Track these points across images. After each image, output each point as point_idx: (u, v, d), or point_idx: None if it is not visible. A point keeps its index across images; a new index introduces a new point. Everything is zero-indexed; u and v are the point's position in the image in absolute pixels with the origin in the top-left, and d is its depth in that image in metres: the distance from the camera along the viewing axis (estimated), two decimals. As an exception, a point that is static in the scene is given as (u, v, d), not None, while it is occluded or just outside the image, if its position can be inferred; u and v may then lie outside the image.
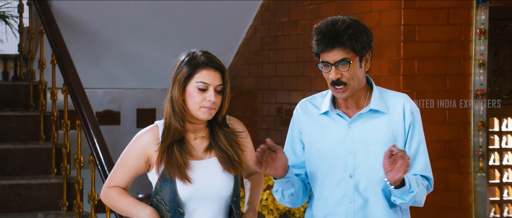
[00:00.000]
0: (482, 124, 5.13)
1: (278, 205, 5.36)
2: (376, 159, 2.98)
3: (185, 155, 2.92)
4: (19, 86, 6.03)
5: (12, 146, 5.55)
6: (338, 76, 2.95)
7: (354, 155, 3.01)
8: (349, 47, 2.94)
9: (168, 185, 2.92)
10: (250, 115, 6.58)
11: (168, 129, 2.94)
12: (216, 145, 2.97)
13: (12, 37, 6.76)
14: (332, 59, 2.95)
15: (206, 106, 2.91)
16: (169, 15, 6.28)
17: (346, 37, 2.94)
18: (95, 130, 4.84)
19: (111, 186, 3.01)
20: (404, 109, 3.05)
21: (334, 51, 2.95)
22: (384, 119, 3.03)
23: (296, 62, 6.10)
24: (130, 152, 2.99)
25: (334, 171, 3.02)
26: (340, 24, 2.95)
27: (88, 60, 6.37)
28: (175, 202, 2.91)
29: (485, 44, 5.11)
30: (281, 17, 6.29)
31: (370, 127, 3.02)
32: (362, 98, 3.05)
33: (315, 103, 3.12)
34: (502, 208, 5.46)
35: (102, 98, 6.80)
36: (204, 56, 2.94)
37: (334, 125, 3.05)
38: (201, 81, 2.90)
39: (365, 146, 3.01)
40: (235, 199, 2.99)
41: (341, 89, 2.97)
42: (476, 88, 5.13)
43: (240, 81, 6.71)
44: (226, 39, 6.68)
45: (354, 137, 3.01)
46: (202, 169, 2.94)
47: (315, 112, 3.09)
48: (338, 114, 3.05)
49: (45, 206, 5.36)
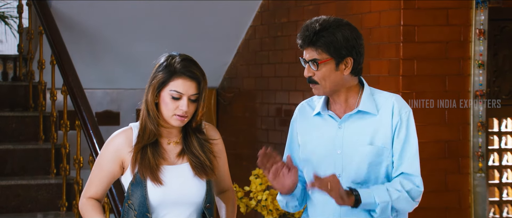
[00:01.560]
0: (481, 124, 5.12)
1: (278, 205, 5.35)
2: (363, 160, 3.00)
3: (158, 158, 2.91)
4: (18, 86, 6.03)
5: (12, 146, 5.55)
6: (309, 74, 2.99)
7: (342, 156, 3.02)
8: (321, 48, 2.95)
9: (139, 189, 2.90)
10: (249, 115, 6.57)
11: (144, 130, 2.92)
12: (188, 150, 2.95)
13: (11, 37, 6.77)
14: (306, 57, 3.00)
15: (178, 114, 2.89)
16: (168, 16, 6.28)
17: (318, 39, 2.95)
18: (95, 130, 4.83)
19: (88, 197, 2.98)
20: (393, 109, 3.05)
21: (307, 49, 2.99)
22: (373, 120, 3.03)
23: (295, 63, 6.07)
24: (104, 156, 2.97)
25: (323, 171, 3.02)
26: (317, 25, 2.96)
27: (87, 61, 6.37)
28: (144, 207, 2.89)
29: (484, 45, 5.10)
30: (281, 17, 6.28)
31: (358, 128, 3.03)
32: (353, 99, 3.06)
33: (312, 104, 3.15)
34: (502, 209, 5.46)
35: (102, 98, 6.81)
36: (182, 63, 2.90)
37: (325, 126, 3.07)
38: (175, 89, 2.88)
39: (354, 146, 3.02)
40: (208, 205, 2.95)
41: (313, 86, 3.02)
42: (476, 88, 5.12)
43: (239, 81, 6.70)
44: (225, 39, 6.67)
45: (343, 138, 3.03)
46: (174, 174, 2.92)
47: (310, 112, 3.12)
48: (329, 115, 3.08)
49: (44, 206, 5.36)
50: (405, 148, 3.06)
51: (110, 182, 3.00)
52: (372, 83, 5.26)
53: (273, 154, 2.97)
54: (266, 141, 6.32)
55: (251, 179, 5.26)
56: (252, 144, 6.39)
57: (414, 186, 3.05)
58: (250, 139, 6.50)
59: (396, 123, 3.04)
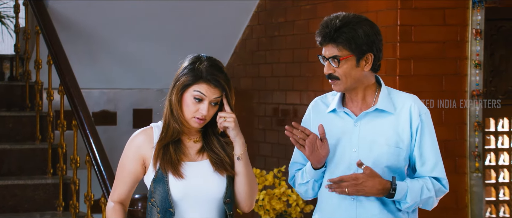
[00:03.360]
0: (478, 124, 5.13)
1: (275, 205, 5.35)
2: (379, 158, 3.00)
3: (179, 155, 2.95)
4: (15, 86, 6.01)
5: (8, 146, 5.54)
6: (330, 71, 3.00)
7: (357, 153, 3.01)
8: (342, 45, 2.97)
9: (161, 185, 2.94)
10: (246, 115, 6.58)
11: (167, 128, 2.97)
12: (208, 148, 2.99)
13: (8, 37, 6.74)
14: (326, 54, 3.00)
15: (198, 117, 2.93)
16: (165, 16, 6.27)
17: (339, 35, 2.96)
18: (92, 130, 4.83)
19: (114, 200, 3.02)
20: (411, 111, 3.04)
21: (327, 46, 3.00)
22: (390, 120, 3.03)
23: (292, 63, 6.09)
24: (125, 156, 3.00)
25: (338, 168, 3.03)
26: (337, 21, 2.97)
27: (84, 61, 6.35)
28: (167, 202, 2.92)
29: (481, 45, 5.11)
30: (278, 17, 6.28)
31: (375, 126, 3.02)
32: (370, 97, 3.07)
33: (326, 101, 3.15)
34: (498, 208, 5.46)
35: (99, 98, 6.79)
36: (209, 69, 2.93)
37: (341, 123, 3.07)
38: (199, 91, 2.91)
39: (369, 144, 3.02)
40: (228, 200, 2.98)
41: (333, 82, 3.02)
42: (472, 88, 5.12)
43: (236, 81, 6.69)
44: (222, 39, 6.67)
45: (359, 135, 3.03)
46: (194, 170, 2.96)
47: (324, 109, 3.12)
48: (345, 112, 3.07)
49: (41, 206, 5.35)
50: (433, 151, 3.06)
51: (134, 182, 3.03)
52: None
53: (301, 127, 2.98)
54: (263, 141, 6.32)
55: None
56: (249, 144, 6.30)
57: (441, 187, 3.08)
58: (247, 138, 6.42)
59: (416, 125, 3.03)
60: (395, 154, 3.02)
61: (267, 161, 6.21)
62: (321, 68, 5.82)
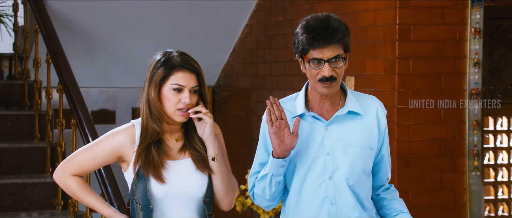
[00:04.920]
0: (477, 123, 5.13)
1: None
2: (354, 161, 2.98)
3: (162, 155, 2.94)
4: (13, 85, 6.01)
5: (7, 145, 5.54)
6: (332, 73, 2.92)
7: (332, 157, 2.98)
8: (343, 43, 2.93)
9: (141, 183, 2.94)
10: (245, 114, 6.55)
11: (146, 131, 2.96)
12: (190, 145, 2.99)
13: (6, 36, 6.70)
14: (326, 55, 2.91)
15: (182, 108, 2.92)
16: (164, 14, 6.27)
17: (341, 34, 2.92)
18: (90, 129, 4.81)
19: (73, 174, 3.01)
20: (378, 113, 3.05)
21: (329, 47, 2.91)
22: (360, 122, 3.02)
23: (291, 62, 6.07)
24: (102, 147, 3.00)
25: (312, 174, 2.99)
26: (333, 21, 2.93)
27: (83, 59, 6.34)
28: (146, 199, 2.93)
29: (480, 43, 5.10)
30: (276, 16, 6.27)
31: (347, 129, 3.00)
32: (337, 99, 3.04)
33: (286, 107, 3.03)
34: (497, 207, 5.46)
35: (97, 97, 6.79)
36: (180, 57, 2.95)
37: (310, 128, 3.00)
38: (176, 83, 2.92)
39: (343, 147, 2.99)
40: (207, 199, 2.98)
41: (330, 85, 2.95)
42: (471, 87, 5.11)
43: (235, 80, 6.69)
44: (221, 38, 6.65)
45: (332, 139, 2.99)
46: (177, 169, 2.95)
47: (288, 115, 3.00)
48: (313, 117, 3.01)
49: (40, 205, 5.34)
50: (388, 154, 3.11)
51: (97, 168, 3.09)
52: (368, 82, 5.31)
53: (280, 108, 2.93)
54: (261, 139, 6.30)
55: (247, 178, 5.24)
56: (248, 143, 6.38)
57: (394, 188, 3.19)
58: (245, 138, 6.49)
59: (384, 128, 3.05)
60: (369, 156, 3.02)
61: (266, 160, 6.20)
62: None
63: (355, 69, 5.29)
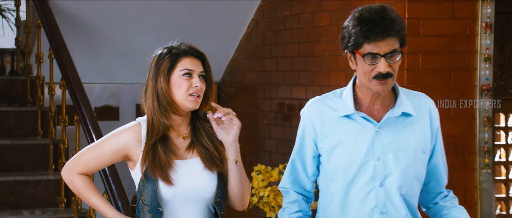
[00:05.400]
0: (488, 119, 5.08)
1: (280, 201, 5.32)
2: (407, 167, 2.77)
3: (169, 154, 2.93)
4: (16, 81, 6.03)
5: (9, 142, 5.55)
6: (388, 69, 2.71)
7: (383, 162, 2.77)
8: (400, 36, 2.73)
9: (150, 185, 2.92)
10: (251, 110, 6.52)
11: (152, 126, 2.95)
12: (198, 142, 2.97)
13: (8, 31, 6.78)
14: (382, 50, 2.69)
15: (193, 92, 2.92)
16: (168, 9, 6.26)
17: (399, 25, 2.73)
18: (94, 125, 4.81)
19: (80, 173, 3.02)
20: (431, 113, 2.86)
21: (385, 41, 2.69)
22: (412, 123, 2.81)
23: (298, 57, 6.05)
24: (108, 146, 3.00)
25: (360, 180, 2.78)
26: (390, 12, 2.72)
27: (86, 54, 6.34)
28: (156, 201, 2.91)
29: (490, 38, 5.06)
30: (283, 10, 6.24)
31: (399, 131, 2.79)
32: (388, 98, 2.82)
33: (330, 104, 2.84)
34: (509, 205, 5.44)
35: (101, 93, 6.79)
36: (184, 45, 2.99)
37: (359, 129, 2.78)
38: (185, 68, 2.93)
39: (395, 152, 2.78)
40: (219, 200, 2.94)
41: (385, 81, 2.72)
42: (482, 83, 5.07)
43: (241, 76, 6.67)
44: (226, 33, 6.63)
45: (383, 142, 2.78)
46: (185, 169, 2.93)
47: (333, 114, 2.82)
48: (363, 117, 2.79)
49: (42, 203, 5.35)
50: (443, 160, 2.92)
51: (104, 167, 3.13)
52: None
53: None
54: (268, 136, 6.29)
55: (253, 175, 5.23)
56: (254, 140, 6.36)
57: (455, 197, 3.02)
58: (252, 134, 6.46)
59: (436, 129, 2.86)
60: (422, 161, 2.81)
61: (272, 157, 6.18)
62: (327, 62, 5.86)
63: (363, 64, 5.25)
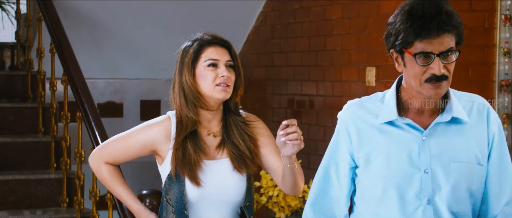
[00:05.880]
0: (507, 116, 4.98)
1: (290, 202, 5.28)
2: (459, 181, 2.49)
3: (198, 153, 2.88)
4: (16, 76, 6.01)
5: (9, 139, 5.52)
6: (443, 70, 2.42)
7: (431, 176, 2.47)
8: (457, 33, 2.46)
9: (176, 185, 2.88)
10: (260, 107, 6.53)
11: (181, 122, 2.90)
12: (229, 140, 2.92)
13: (8, 24, 6.78)
14: (437, 48, 2.40)
15: (221, 82, 2.86)
16: (174, 2, 6.22)
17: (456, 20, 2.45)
18: (97, 122, 4.76)
19: (107, 162, 3.04)
20: (489, 117, 2.57)
21: (441, 38, 2.38)
22: (465, 130, 2.51)
23: (308, 51, 6.01)
24: (135, 139, 3.00)
25: (405, 196, 2.49)
26: (446, 4, 2.41)
27: (89, 49, 6.32)
28: (182, 203, 2.87)
29: (510, 31, 4.98)
30: (293, 3, 6.20)
31: (450, 140, 2.49)
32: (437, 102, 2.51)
33: (371, 108, 2.57)
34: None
35: (104, 89, 6.79)
36: (207, 34, 2.98)
37: (404, 138, 2.50)
38: (209, 58, 2.89)
39: (445, 164, 2.50)
40: (248, 204, 2.89)
41: (439, 85, 2.42)
42: (501, 78, 4.99)
43: (249, 71, 6.64)
44: (234, 26, 6.60)
45: (430, 153, 2.48)
46: (214, 171, 2.89)
47: (373, 120, 2.54)
48: (407, 124, 2.51)
49: (44, 202, 5.33)
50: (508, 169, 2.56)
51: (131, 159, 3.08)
52: (390, 73, 5.16)
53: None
54: (277, 133, 6.22)
55: (262, 174, 5.18)
56: (262, 137, 6.30)
57: None
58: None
59: (493, 135, 2.54)
60: (476, 174, 2.51)
61: (282, 155, 6.12)
62: (338, 57, 5.74)
63: (377, 59, 5.25)
